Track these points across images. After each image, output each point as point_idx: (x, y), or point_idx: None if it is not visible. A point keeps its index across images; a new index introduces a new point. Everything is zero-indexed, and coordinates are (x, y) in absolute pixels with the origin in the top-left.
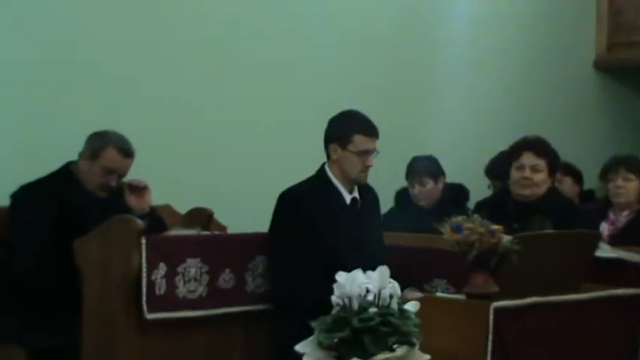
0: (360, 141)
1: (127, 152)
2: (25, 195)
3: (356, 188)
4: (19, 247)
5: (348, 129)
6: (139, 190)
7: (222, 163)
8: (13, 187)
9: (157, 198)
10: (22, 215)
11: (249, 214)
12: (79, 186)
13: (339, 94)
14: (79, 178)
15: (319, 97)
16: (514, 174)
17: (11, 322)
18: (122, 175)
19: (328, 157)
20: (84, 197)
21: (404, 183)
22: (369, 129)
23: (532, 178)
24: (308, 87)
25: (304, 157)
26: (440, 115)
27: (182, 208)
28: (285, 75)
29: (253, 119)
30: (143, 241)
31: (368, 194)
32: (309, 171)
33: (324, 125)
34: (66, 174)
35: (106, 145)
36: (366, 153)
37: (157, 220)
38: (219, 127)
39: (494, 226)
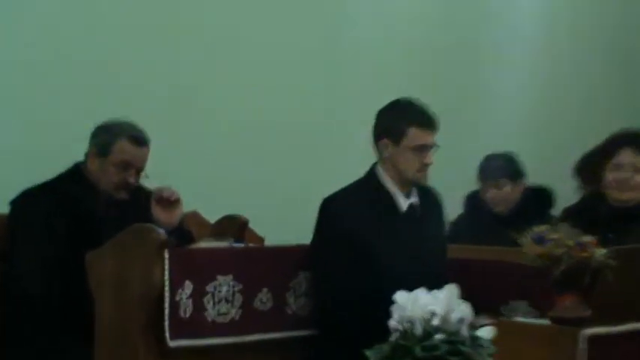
0: (415, 134)
1: (140, 140)
2: (27, 202)
3: (414, 191)
4: (23, 265)
5: (400, 121)
6: (170, 202)
7: (259, 164)
8: (12, 191)
9: (184, 205)
10: (25, 226)
11: (290, 222)
12: (91, 190)
13: (384, 84)
14: (91, 180)
15: (364, 89)
16: (609, 175)
17: (15, 351)
18: (140, 168)
19: (379, 155)
20: (98, 203)
21: (473, 185)
22: (426, 120)
23: (632, 179)
24: (350, 78)
25: (352, 157)
26: (507, 103)
27: (212, 215)
28: (328, 66)
29: (294, 115)
30: (166, 254)
31: (429, 198)
32: (358, 172)
33: (371, 119)
34: (76, 176)
35: (116, 136)
36: (423, 148)
37: (183, 232)
38: (255, 125)
39: (586, 237)
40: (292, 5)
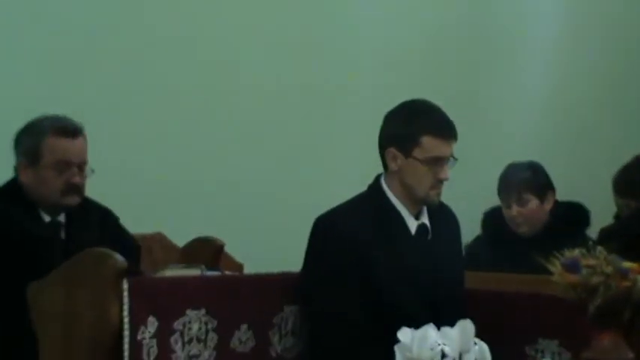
0: (430, 144)
1: (70, 131)
2: None
3: (424, 211)
4: None
5: (413, 127)
6: None
7: (237, 179)
8: None
9: (145, 225)
10: None
11: (273, 246)
12: (32, 208)
13: (390, 88)
14: (30, 195)
15: (363, 88)
16: None
17: None
18: (81, 162)
19: (385, 167)
20: (41, 224)
21: (495, 201)
22: (444, 127)
23: None
24: (348, 77)
25: (348, 169)
26: (530, 111)
27: (180, 238)
28: (324, 67)
29: (280, 121)
30: (125, 285)
31: (443, 218)
32: (356, 187)
33: (374, 126)
34: (13, 193)
35: (41, 136)
36: (438, 161)
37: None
38: (233, 134)
39: (627, 264)
40: (292, 6)
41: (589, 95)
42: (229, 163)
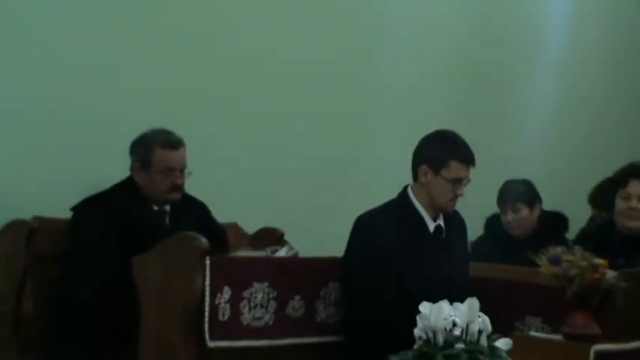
0: (455, 168)
1: (174, 144)
2: (87, 212)
3: (441, 215)
4: (79, 276)
5: (444, 152)
6: None
7: (297, 179)
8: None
9: (223, 216)
10: (84, 235)
11: (323, 235)
12: (144, 201)
13: (425, 112)
14: (142, 191)
15: (398, 110)
16: (620, 204)
17: (67, 351)
18: (182, 167)
19: (415, 178)
20: (151, 213)
21: (494, 209)
22: (468, 156)
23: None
24: (385, 100)
25: (387, 177)
26: (529, 134)
27: (250, 227)
28: (369, 87)
29: (332, 133)
30: (207, 262)
31: (454, 222)
32: (392, 191)
33: (408, 143)
34: (129, 188)
35: (151, 147)
36: (458, 181)
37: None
38: (295, 140)
39: (598, 260)
40: (327, 26)
41: (583, 126)
42: (290, 170)
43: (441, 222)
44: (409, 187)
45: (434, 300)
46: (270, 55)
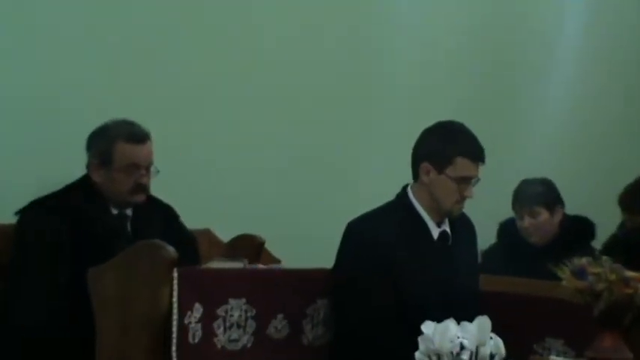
0: (462, 165)
1: (139, 137)
2: (35, 218)
3: (446, 220)
4: (25, 293)
5: (448, 147)
6: None
7: (279, 180)
8: (14, 200)
9: (193, 221)
10: (33, 245)
11: (309, 244)
12: (102, 203)
13: (428, 108)
14: (100, 192)
15: (394, 110)
16: None
17: None
18: (148, 164)
19: (415, 177)
20: (110, 218)
21: (509, 213)
22: (476, 151)
23: None
24: (381, 100)
25: (383, 176)
26: (546, 128)
27: (225, 234)
28: (360, 86)
29: (320, 129)
30: (175, 274)
31: (462, 227)
32: (388, 193)
33: (408, 140)
34: (85, 188)
35: (113, 141)
36: (465, 180)
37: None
38: (278, 136)
39: (630, 273)
40: (328, 26)
41: (603, 121)
42: (271, 169)
43: (446, 227)
44: (409, 188)
45: (438, 319)
46: (253, 46)
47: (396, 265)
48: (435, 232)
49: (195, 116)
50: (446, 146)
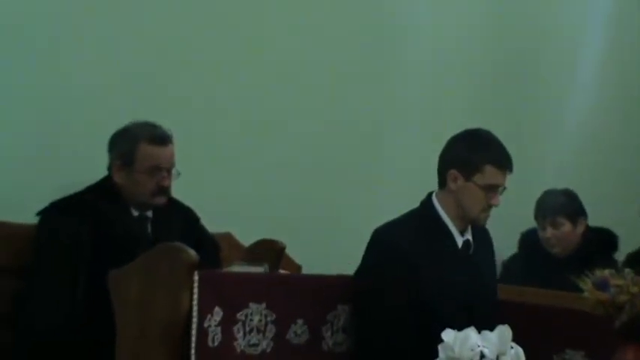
0: (490, 173)
1: (162, 139)
2: (56, 219)
3: (469, 229)
4: (44, 296)
5: (477, 155)
6: None
7: (302, 184)
8: (36, 201)
9: (214, 225)
10: (51, 248)
11: (330, 251)
12: (123, 205)
13: (436, 109)
14: (121, 194)
15: (415, 114)
16: None
17: None
18: (170, 166)
19: (442, 185)
20: (131, 220)
21: (531, 223)
22: (505, 160)
23: None
24: (401, 103)
25: (402, 184)
26: (569, 137)
27: (246, 238)
28: (378, 89)
29: (343, 133)
30: (196, 277)
31: (480, 236)
32: (412, 199)
33: (430, 145)
34: (106, 189)
35: (135, 143)
36: (493, 188)
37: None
38: (300, 140)
39: None
40: (340, 26)
41: (628, 133)
42: (294, 174)
43: (469, 236)
44: (434, 195)
45: (460, 328)
46: (271, 46)
47: (420, 274)
48: (459, 241)
49: (218, 119)
50: (474, 154)
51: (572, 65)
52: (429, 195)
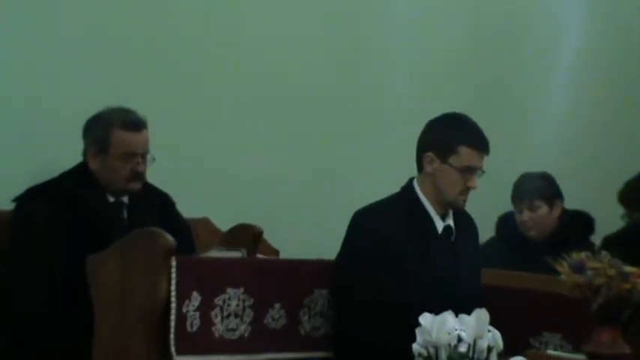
0: (466, 154)
1: (136, 125)
2: (32, 205)
3: (451, 214)
4: (23, 281)
5: (453, 137)
6: None
7: (279, 168)
8: (12, 187)
9: (191, 210)
10: (29, 233)
11: (308, 235)
12: (99, 190)
13: (428, 102)
14: (97, 179)
15: (395, 100)
16: None
17: None
18: (144, 152)
19: (420, 169)
20: (107, 205)
21: (508, 206)
22: (480, 141)
23: None
24: (380, 89)
25: (381, 169)
26: (547, 120)
27: (224, 224)
28: (357, 71)
29: (322, 117)
30: (173, 262)
31: (464, 222)
32: (387, 185)
33: (410, 133)
34: (82, 175)
35: (110, 128)
36: (470, 170)
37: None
38: (277, 129)
39: (628, 268)
40: (326, 24)
41: (603, 117)
42: (271, 158)
43: (450, 222)
44: (414, 180)
45: (440, 311)
46: (250, 36)
47: (399, 257)
48: (440, 226)
49: (194, 105)
50: (450, 136)
51: (557, 51)
52: (410, 180)
